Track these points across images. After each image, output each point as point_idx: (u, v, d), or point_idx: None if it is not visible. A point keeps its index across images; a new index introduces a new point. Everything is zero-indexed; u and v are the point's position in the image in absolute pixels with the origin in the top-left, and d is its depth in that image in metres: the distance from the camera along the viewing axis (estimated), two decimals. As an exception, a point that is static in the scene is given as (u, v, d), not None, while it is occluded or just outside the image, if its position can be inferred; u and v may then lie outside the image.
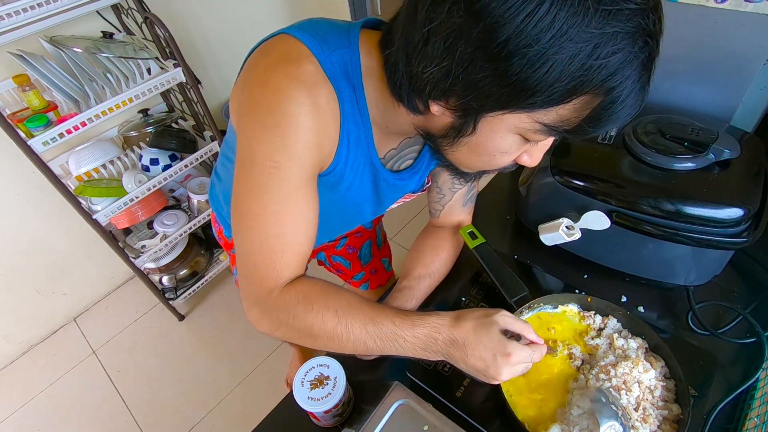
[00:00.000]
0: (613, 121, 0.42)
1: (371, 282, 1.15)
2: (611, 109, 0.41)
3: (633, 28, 0.37)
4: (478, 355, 0.53)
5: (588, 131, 0.43)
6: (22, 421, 1.66)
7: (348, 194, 0.63)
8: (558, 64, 0.37)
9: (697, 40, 0.81)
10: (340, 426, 0.66)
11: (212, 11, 1.82)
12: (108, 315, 1.96)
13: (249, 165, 0.51)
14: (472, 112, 0.45)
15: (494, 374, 0.53)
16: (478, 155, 0.51)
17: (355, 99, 0.53)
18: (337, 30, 0.52)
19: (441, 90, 0.44)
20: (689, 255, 0.72)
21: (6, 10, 1.08)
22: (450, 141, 0.50)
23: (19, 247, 1.67)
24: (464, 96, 0.43)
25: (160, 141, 1.50)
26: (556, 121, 0.43)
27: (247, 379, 1.68)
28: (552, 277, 0.81)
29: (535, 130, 0.44)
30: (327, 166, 0.56)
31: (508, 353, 0.52)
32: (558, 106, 0.41)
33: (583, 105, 0.41)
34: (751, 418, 0.59)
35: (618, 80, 0.38)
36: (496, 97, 0.41)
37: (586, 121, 0.42)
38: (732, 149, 0.69)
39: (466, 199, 0.80)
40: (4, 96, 1.35)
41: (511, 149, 0.49)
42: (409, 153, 0.66)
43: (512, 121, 0.44)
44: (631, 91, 0.40)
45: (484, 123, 0.46)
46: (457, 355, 0.54)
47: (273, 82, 0.48)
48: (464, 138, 0.49)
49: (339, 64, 0.51)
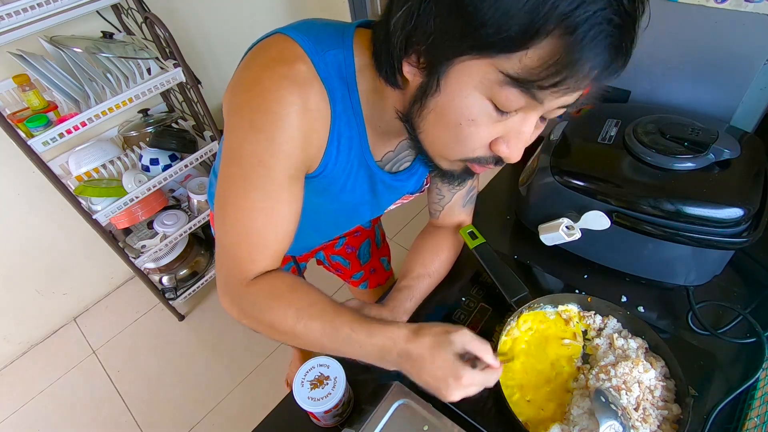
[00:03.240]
0: (579, 69, 0.38)
1: (370, 281, 1.15)
2: (576, 53, 0.37)
3: None
4: (431, 372, 0.52)
5: (556, 83, 0.39)
6: (22, 421, 1.66)
7: (342, 196, 0.63)
8: None
9: (697, 40, 0.81)
10: (340, 426, 0.66)
11: (212, 11, 1.82)
12: (108, 315, 1.96)
13: (236, 160, 0.51)
14: (435, 63, 0.43)
15: (445, 395, 0.52)
16: (446, 125, 0.47)
17: (348, 99, 0.53)
18: (332, 30, 0.52)
19: (405, 39, 0.44)
20: (689, 255, 0.72)
21: (6, 10, 1.08)
22: (419, 106, 0.48)
23: (19, 247, 1.67)
24: (425, 41, 0.42)
25: (160, 141, 1.51)
26: (520, 71, 0.39)
27: (247, 379, 1.68)
28: (552, 277, 0.81)
29: (500, 83, 0.41)
30: (315, 167, 0.56)
31: (460, 377, 0.51)
32: (519, 52, 0.38)
33: (546, 53, 0.38)
34: (751, 418, 0.59)
35: (578, 18, 0.35)
36: (451, 36, 0.40)
37: (553, 72, 0.38)
38: (732, 149, 0.69)
39: (466, 199, 0.80)
40: (4, 96, 1.35)
41: (479, 118, 0.45)
42: (407, 155, 0.66)
43: (475, 72, 0.42)
44: (598, 33, 0.36)
45: (448, 79, 0.44)
46: (410, 369, 0.54)
47: (264, 82, 0.48)
48: (431, 99, 0.46)
49: (332, 65, 0.51)
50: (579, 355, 0.68)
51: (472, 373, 0.52)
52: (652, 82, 0.90)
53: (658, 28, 0.64)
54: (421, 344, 0.53)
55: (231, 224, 0.54)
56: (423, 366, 0.52)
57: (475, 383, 0.53)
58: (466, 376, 0.51)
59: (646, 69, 0.89)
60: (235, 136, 0.51)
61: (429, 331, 0.54)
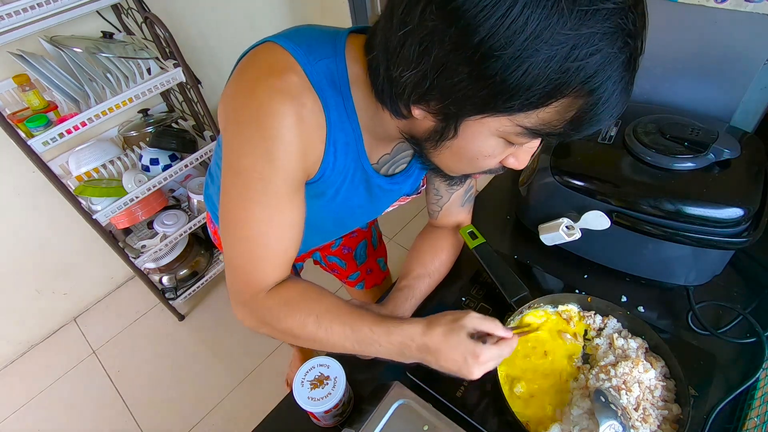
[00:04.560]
0: (595, 123, 0.41)
1: (366, 282, 1.15)
2: (593, 111, 0.40)
3: (611, 28, 0.36)
4: (450, 358, 0.56)
5: (571, 134, 0.43)
6: (22, 421, 1.66)
7: (338, 199, 0.63)
8: (534, 67, 0.37)
9: (697, 40, 0.81)
10: (340, 426, 0.66)
11: (212, 11, 1.82)
12: (108, 315, 1.96)
13: (235, 176, 0.52)
14: (452, 116, 0.45)
15: (467, 373, 0.56)
16: (462, 158, 0.51)
17: (343, 107, 0.53)
18: (324, 38, 0.52)
19: (419, 94, 0.44)
20: (689, 255, 0.72)
21: (6, 10, 1.08)
22: (433, 144, 0.51)
23: (19, 247, 1.67)
24: (443, 100, 0.43)
25: (160, 141, 1.50)
26: (537, 124, 0.42)
27: (247, 379, 1.68)
28: (552, 277, 0.81)
29: (517, 134, 0.44)
30: (314, 174, 0.56)
31: (477, 354, 0.55)
32: (538, 110, 0.40)
33: (564, 107, 0.41)
34: (751, 418, 0.59)
35: (598, 81, 0.38)
36: (474, 100, 0.41)
37: (569, 124, 0.42)
38: (732, 149, 0.69)
39: (464, 199, 0.80)
40: (4, 96, 1.35)
41: (494, 152, 0.49)
42: (404, 157, 0.66)
43: (493, 124, 0.44)
44: (613, 92, 0.39)
45: (465, 126, 0.46)
46: (430, 359, 0.57)
47: (258, 95, 0.48)
48: (447, 141, 0.49)
49: (325, 74, 0.51)
50: (579, 355, 0.68)
51: (487, 349, 0.56)
52: (652, 82, 0.90)
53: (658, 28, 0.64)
54: (435, 335, 0.56)
55: (237, 239, 0.55)
56: (441, 354, 0.56)
57: (492, 356, 0.56)
58: (483, 353, 0.55)
59: (646, 69, 0.89)
60: (233, 152, 0.52)
61: (440, 321, 0.58)
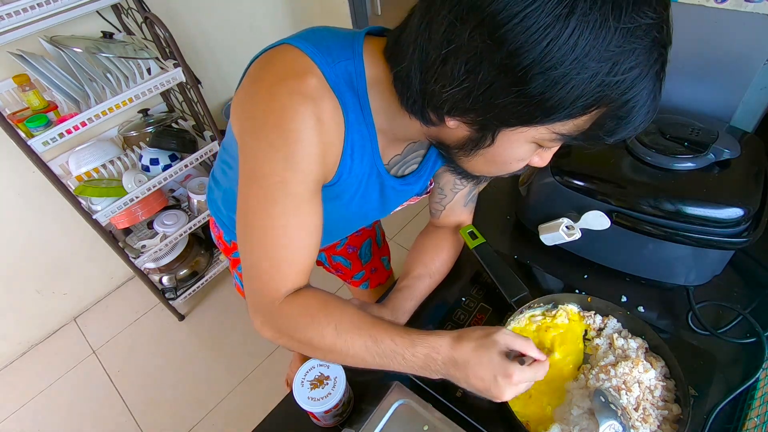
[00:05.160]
0: (628, 130, 0.43)
1: (371, 281, 1.15)
2: (627, 118, 0.42)
3: (650, 42, 0.38)
4: (480, 375, 0.53)
5: (603, 138, 0.44)
6: (22, 421, 1.66)
7: (353, 202, 0.63)
8: (580, 83, 0.38)
9: (697, 40, 0.81)
10: (340, 426, 0.66)
11: (212, 11, 1.82)
12: (108, 315, 1.96)
13: (255, 180, 0.51)
14: (491, 127, 0.46)
15: (497, 394, 0.53)
16: (494, 164, 0.52)
17: (360, 109, 0.53)
18: (341, 40, 0.52)
19: (461, 109, 0.44)
20: (689, 255, 0.72)
21: (6, 10, 1.08)
22: (466, 152, 0.51)
23: (19, 247, 1.67)
24: (484, 114, 0.44)
25: (160, 141, 1.50)
26: (572, 131, 0.44)
27: (247, 379, 1.68)
28: (552, 277, 0.81)
29: (551, 140, 0.46)
30: (331, 177, 0.56)
31: (509, 374, 0.52)
32: (576, 119, 0.42)
33: (599, 114, 0.42)
34: (751, 418, 0.59)
35: (636, 92, 0.40)
36: (518, 115, 0.42)
37: (602, 132, 0.43)
38: (732, 149, 0.69)
39: (468, 199, 0.80)
40: (4, 96, 1.35)
41: (526, 156, 0.51)
42: (414, 157, 0.66)
43: (531, 133, 0.45)
44: (646, 100, 0.41)
45: (502, 135, 0.47)
46: (458, 375, 0.54)
47: (278, 98, 0.48)
48: (482, 150, 0.49)
49: (343, 76, 0.51)
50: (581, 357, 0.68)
51: (521, 370, 0.53)
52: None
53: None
54: (465, 349, 0.54)
55: (256, 245, 0.54)
56: (470, 370, 0.53)
57: (525, 378, 0.53)
58: (517, 373, 0.52)
59: (646, 69, 0.89)
60: (253, 156, 0.51)
61: (471, 336, 0.55)
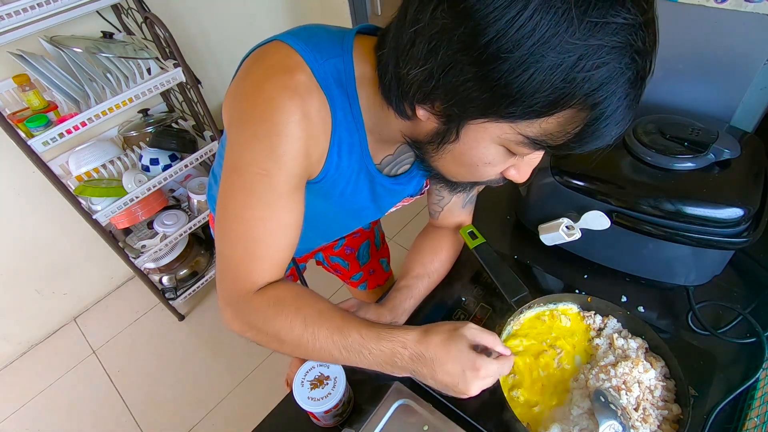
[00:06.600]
0: (597, 138, 0.41)
1: (369, 282, 1.15)
2: (595, 125, 0.40)
3: (619, 43, 0.36)
4: (447, 370, 0.52)
5: (572, 148, 0.42)
6: (22, 421, 1.66)
7: (343, 200, 0.63)
8: (539, 73, 0.36)
9: (697, 40, 0.81)
10: (340, 426, 0.66)
11: (212, 11, 1.82)
12: (108, 315, 1.96)
13: (236, 169, 0.51)
14: (455, 118, 0.45)
15: (463, 389, 0.52)
16: (462, 164, 0.51)
17: (348, 107, 0.53)
18: (332, 37, 0.52)
19: (424, 93, 0.44)
20: (689, 255, 0.72)
21: (6, 10, 1.08)
22: (435, 147, 0.50)
23: (19, 247, 1.67)
24: (446, 100, 0.43)
25: (160, 141, 1.50)
26: (539, 135, 0.42)
27: (247, 379, 1.68)
28: (552, 277, 0.81)
29: (518, 142, 0.44)
30: (317, 173, 0.56)
31: (477, 368, 0.52)
32: (541, 119, 0.40)
33: (567, 120, 0.40)
34: (751, 418, 0.59)
35: (602, 96, 0.37)
36: (477, 102, 0.41)
37: (571, 138, 0.41)
38: (732, 149, 0.69)
39: (466, 200, 0.80)
40: (4, 96, 1.35)
41: (495, 161, 0.48)
42: (407, 158, 0.66)
43: (495, 130, 0.44)
44: (617, 108, 0.39)
45: (467, 131, 0.45)
46: (424, 371, 0.53)
47: (265, 92, 0.48)
48: (448, 145, 0.48)
49: (332, 73, 0.51)
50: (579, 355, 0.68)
51: (488, 363, 0.53)
52: (652, 82, 0.89)
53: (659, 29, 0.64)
54: (432, 344, 0.53)
55: (233, 235, 0.54)
56: (437, 365, 0.52)
57: (492, 372, 0.53)
58: (484, 367, 0.52)
59: (646, 69, 0.89)
60: (237, 147, 0.51)
61: (438, 330, 0.54)
